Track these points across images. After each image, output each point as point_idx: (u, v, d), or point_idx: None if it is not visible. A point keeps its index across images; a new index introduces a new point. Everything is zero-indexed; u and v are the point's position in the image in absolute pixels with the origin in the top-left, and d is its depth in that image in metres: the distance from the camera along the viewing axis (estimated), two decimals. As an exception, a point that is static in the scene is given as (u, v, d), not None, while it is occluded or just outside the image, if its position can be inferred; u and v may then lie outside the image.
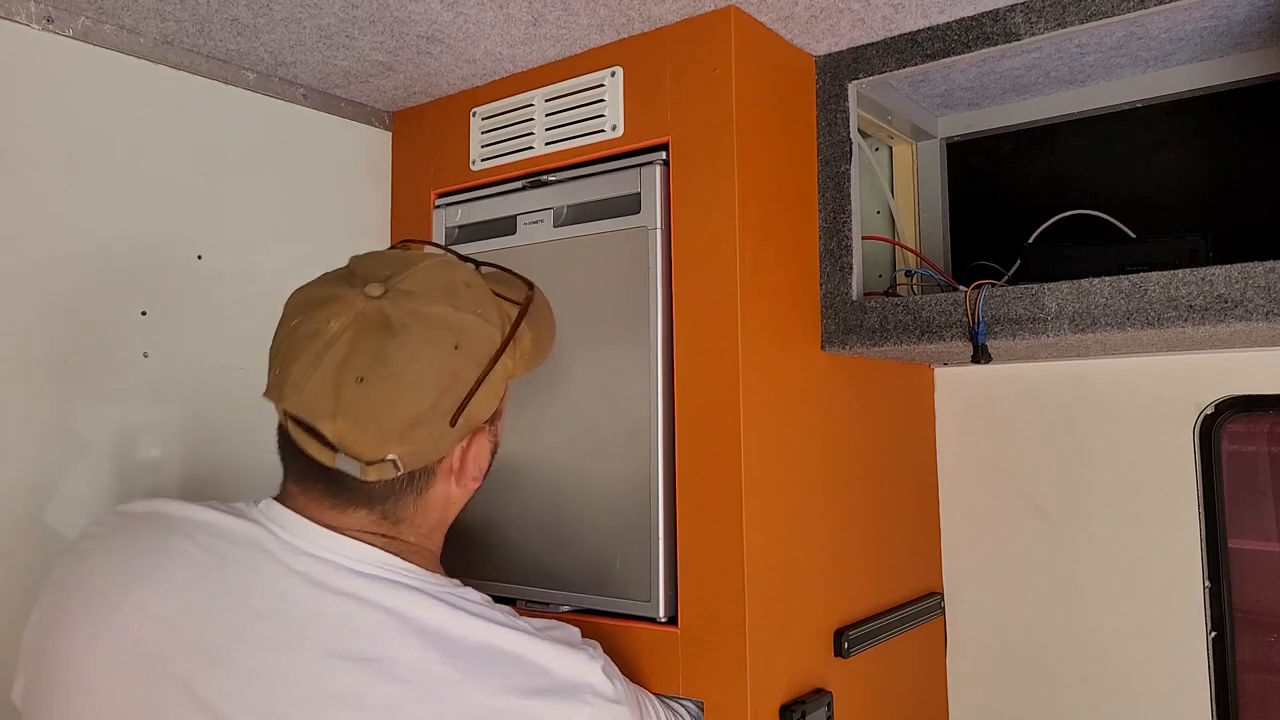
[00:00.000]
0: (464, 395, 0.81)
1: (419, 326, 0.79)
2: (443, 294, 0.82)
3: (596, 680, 0.84)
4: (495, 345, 0.84)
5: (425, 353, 0.79)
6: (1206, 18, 1.18)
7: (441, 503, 0.89)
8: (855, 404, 1.32)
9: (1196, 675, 1.32)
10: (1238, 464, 1.34)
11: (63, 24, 1.13)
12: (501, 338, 0.84)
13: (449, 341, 0.80)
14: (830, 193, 1.25)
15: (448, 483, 0.88)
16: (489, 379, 0.83)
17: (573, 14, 1.15)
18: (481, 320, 0.83)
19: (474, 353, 0.82)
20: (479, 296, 0.85)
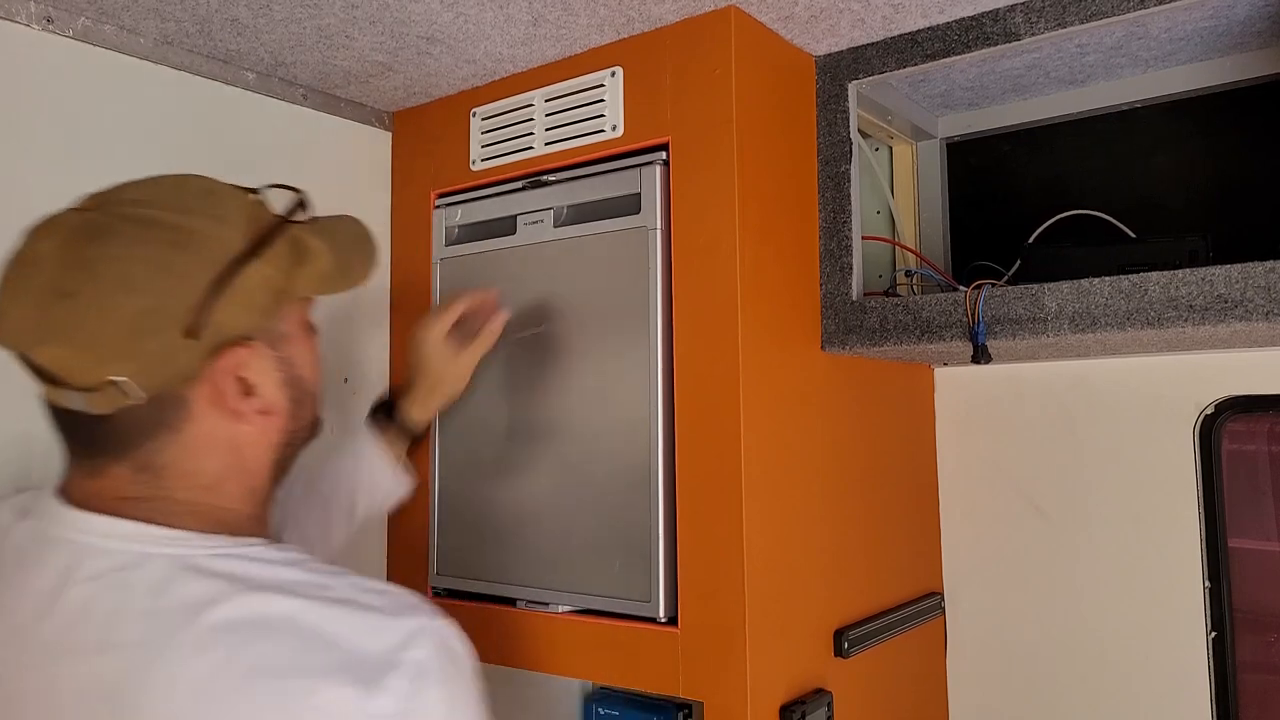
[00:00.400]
0: (197, 299, 0.70)
1: (129, 228, 0.71)
2: (167, 199, 0.74)
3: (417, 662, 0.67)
4: (234, 248, 0.73)
5: (135, 251, 0.70)
6: (1206, 18, 1.18)
7: (223, 444, 0.76)
8: (855, 404, 1.32)
9: (1196, 675, 1.32)
10: (1238, 464, 1.34)
11: (63, 24, 1.13)
12: (246, 242, 0.74)
13: (165, 239, 0.71)
14: (830, 193, 1.25)
15: (220, 416, 0.75)
16: (235, 285, 0.72)
17: (573, 14, 1.15)
18: (215, 221, 0.73)
19: (203, 253, 0.71)
20: (218, 201, 0.76)
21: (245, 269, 0.73)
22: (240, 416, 0.75)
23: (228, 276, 0.72)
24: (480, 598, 1.29)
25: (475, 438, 1.32)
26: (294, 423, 0.81)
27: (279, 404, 0.79)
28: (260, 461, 0.80)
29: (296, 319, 0.81)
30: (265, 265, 0.75)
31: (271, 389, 0.78)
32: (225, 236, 0.73)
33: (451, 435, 1.34)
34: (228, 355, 0.74)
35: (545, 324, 1.25)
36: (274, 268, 0.76)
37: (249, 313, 0.74)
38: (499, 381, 1.29)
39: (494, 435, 1.29)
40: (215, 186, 0.77)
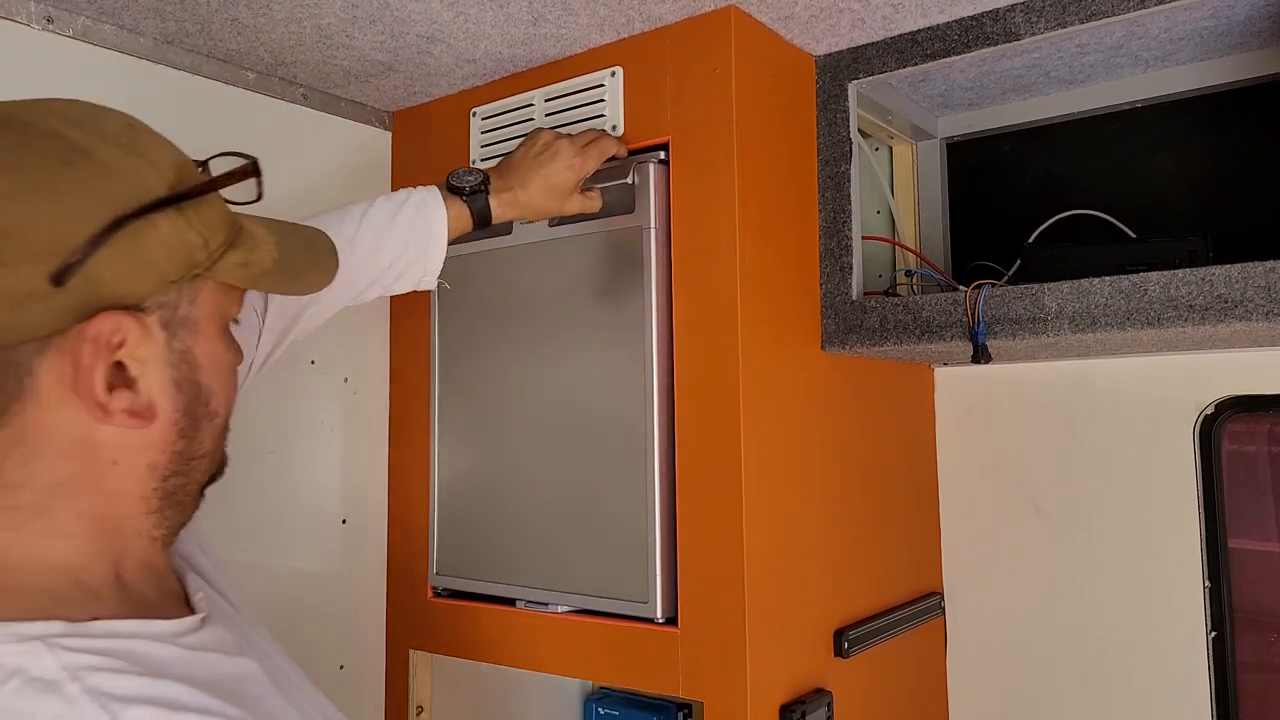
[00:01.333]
0: (80, 238, 0.52)
1: (10, 132, 0.55)
2: (81, 116, 0.58)
3: None
4: (149, 191, 0.56)
5: (7, 157, 0.53)
6: (1206, 18, 1.18)
7: (69, 446, 0.56)
8: (855, 404, 1.32)
9: (1196, 675, 1.32)
10: (1238, 464, 1.34)
11: (63, 24, 1.13)
12: (166, 188, 0.57)
13: (54, 153, 0.54)
14: (830, 193, 1.25)
15: (71, 404, 0.55)
16: (138, 236, 0.54)
17: (573, 14, 1.15)
18: (129, 153, 0.57)
19: (104, 185, 0.54)
20: (141, 137, 0.59)
21: (156, 218, 0.55)
22: (103, 412, 0.55)
23: (130, 220, 0.54)
24: (480, 598, 1.29)
25: (474, 438, 1.32)
26: (187, 444, 0.61)
27: (162, 409, 0.59)
28: (129, 487, 0.59)
29: (212, 310, 0.62)
30: (184, 223, 0.57)
31: (155, 386, 0.58)
32: (141, 173, 0.57)
33: (451, 436, 1.34)
34: (103, 320, 0.54)
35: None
36: (195, 232, 0.58)
37: (148, 274, 0.56)
38: (498, 382, 1.29)
39: (493, 435, 1.29)
40: (141, 125, 0.62)
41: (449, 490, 1.34)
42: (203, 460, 0.64)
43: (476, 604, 1.29)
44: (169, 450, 0.60)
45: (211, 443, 0.64)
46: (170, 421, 0.60)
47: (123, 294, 0.55)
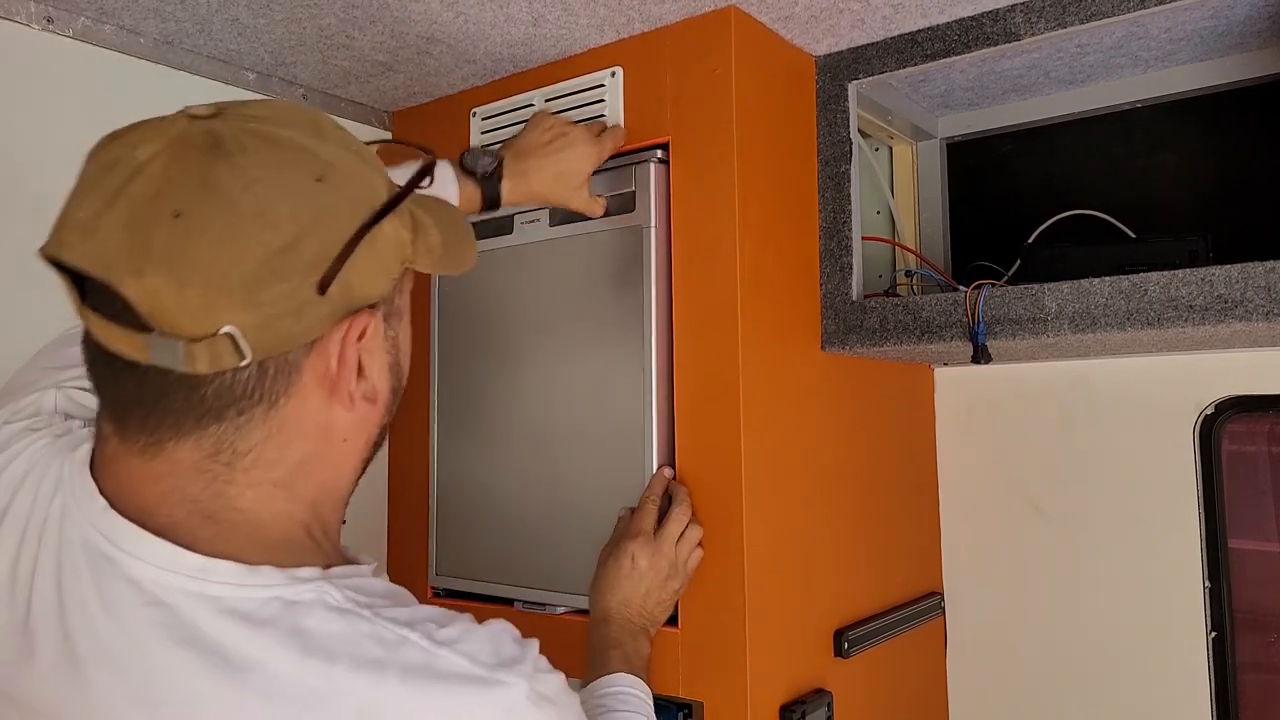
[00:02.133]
0: (337, 247, 0.57)
1: (264, 148, 0.57)
2: (302, 123, 0.60)
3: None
4: (379, 195, 0.61)
5: (275, 176, 0.56)
6: (1206, 18, 1.18)
7: (313, 430, 0.62)
8: (855, 404, 1.32)
9: (1196, 675, 1.32)
10: (1238, 464, 1.34)
11: (63, 24, 1.13)
12: (388, 191, 0.62)
13: (309, 169, 0.58)
14: (830, 193, 1.25)
15: (322, 395, 0.61)
16: (374, 240, 0.59)
17: (573, 14, 1.15)
18: (358, 159, 0.61)
19: (349, 193, 0.59)
20: (353, 141, 0.63)
21: (383, 223, 0.60)
22: (350, 400, 0.62)
23: (371, 226, 0.59)
24: (479, 598, 1.29)
25: (474, 438, 1.32)
26: (389, 416, 0.69)
27: (381, 391, 0.66)
28: (349, 459, 0.67)
29: (408, 298, 0.70)
30: (399, 223, 0.62)
31: (378, 372, 0.64)
32: (370, 179, 0.61)
33: (450, 436, 1.34)
34: (355, 322, 0.60)
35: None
36: (405, 229, 0.63)
37: (383, 275, 0.62)
38: (497, 382, 1.29)
39: (493, 435, 1.29)
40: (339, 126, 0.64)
41: (448, 490, 1.34)
42: (385, 432, 0.71)
43: (476, 604, 1.28)
44: (379, 425, 0.68)
45: (394, 413, 0.71)
46: (386, 401, 0.67)
47: (369, 295, 0.61)
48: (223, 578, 0.57)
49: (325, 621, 0.57)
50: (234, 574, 0.58)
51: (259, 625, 0.56)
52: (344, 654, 0.56)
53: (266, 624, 0.56)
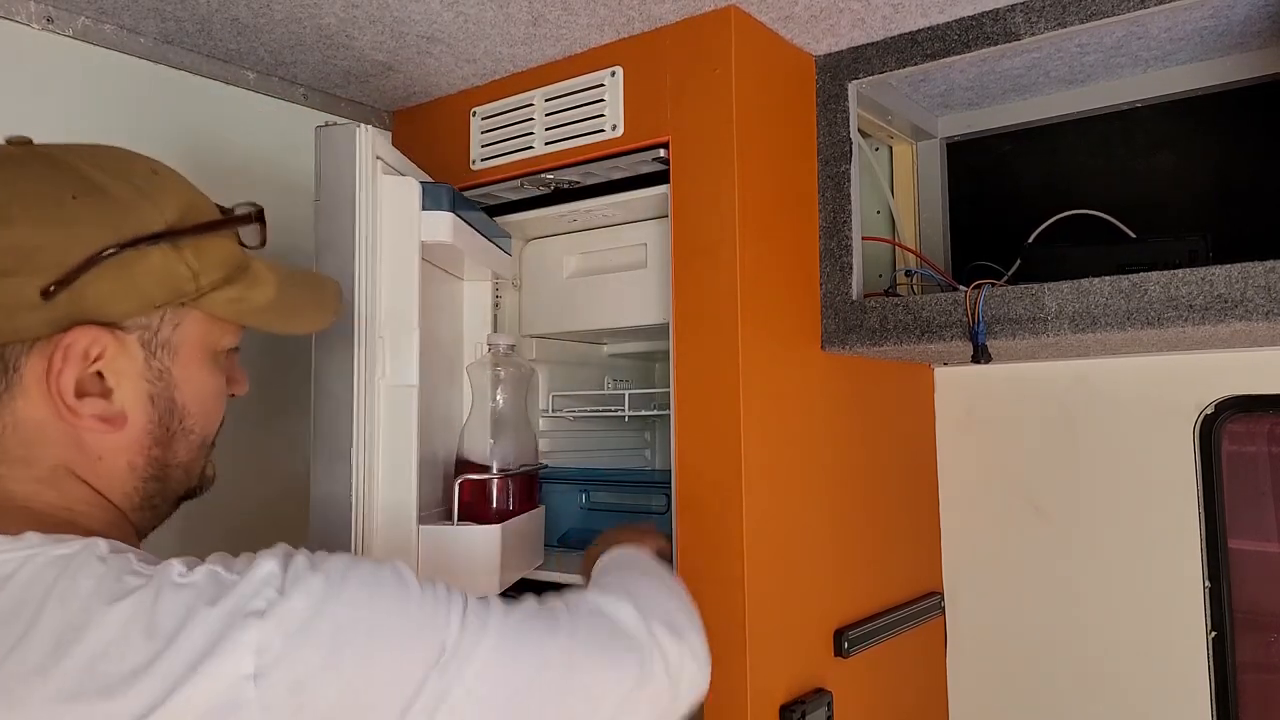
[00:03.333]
0: (73, 261, 0.60)
1: (35, 164, 0.63)
2: (103, 159, 0.66)
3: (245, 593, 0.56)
4: (148, 226, 0.63)
5: (28, 186, 0.62)
6: (1206, 18, 1.18)
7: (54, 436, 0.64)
8: (855, 404, 1.32)
9: (1196, 675, 1.32)
10: (1238, 464, 1.34)
11: (63, 24, 1.13)
12: (166, 226, 0.64)
13: (69, 184, 0.62)
14: (830, 193, 1.25)
15: (47, 400, 0.62)
16: (129, 263, 0.62)
17: (573, 14, 1.15)
18: (137, 193, 0.65)
19: (106, 215, 0.62)
20: (156, 180, 0.67)
21: (149, 250, 0.63)
22: (72, 414, 0.63)
23: (124, 249, 0.62)
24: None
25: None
26: (162, 451, 0.69)
27: (134, 418, 0.66)
28: (115, 482, 0.67)
29: (198, 336, 0.69)
30: (175, 256, 0.65)
31: (131, 399, 0.66)
32: (143, 210, 0.64)
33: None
34: (78, 333, 0.62)
35: None
36: (186, 265, 0.65)
37: (131, 297, 0.64)
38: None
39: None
40: (167, 172, 0.69)
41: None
42: (178, 470, 0.71)
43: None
44: (145, 454, 0.68)
45: (187, 455, 0.71)
46: (143, 429, 0.67)
47: (104, 311, 0.63)
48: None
49: (88, 564, 0.57)
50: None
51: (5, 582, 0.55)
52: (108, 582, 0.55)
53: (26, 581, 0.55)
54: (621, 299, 1.32)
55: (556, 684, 0.64)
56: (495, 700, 0.60)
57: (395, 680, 0.57)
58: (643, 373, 1.65)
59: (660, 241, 1.25)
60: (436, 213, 1.05)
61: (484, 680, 0.60)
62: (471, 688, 0.59)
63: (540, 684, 0.63)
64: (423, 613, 0.60)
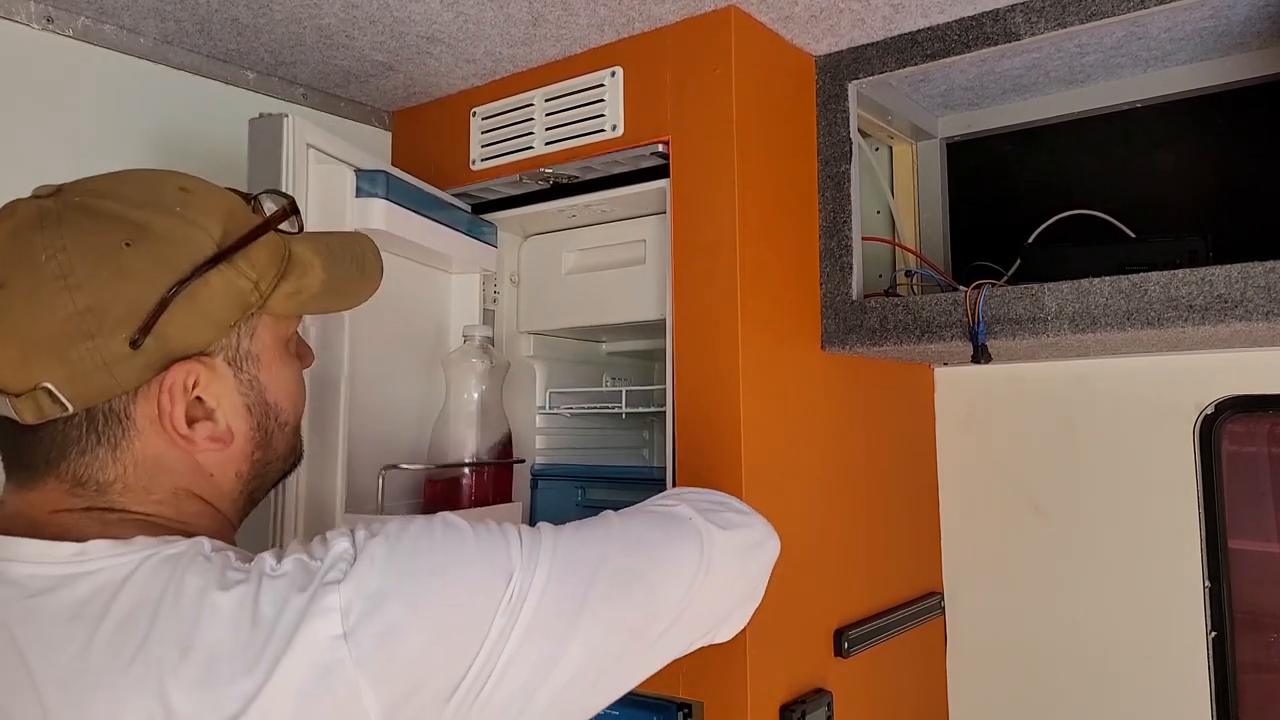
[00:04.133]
0: (149, 305, 0.63)
1: (80, 217, 0.64)
2: (133, 192, 0.66)
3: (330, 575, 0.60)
4: (201, 253, 0.65)
5: (80, 242, 0.62)
6: (1206, 18, 1.18)
7: (176, 465, 0.68)
8: (855, 404, 1.32)
9: (1196, 675, 1.32)
10: (1238, 464, 1.34)
11: (63, 24, 1.13)
12: (217, 247, 0.66)
13: (118, 233, 0.63)
14: (830, 193, 1.25)
15: (162, 436, 0.67)
16: (195, 295, 0.65)
17: (573, 14, 1.15)
18: (181, 221, 0.66)
19: (160, 254, 0.64)
20: (190, 200, 0.68)
21: (209, 275, 0.66)
22: (189, 443, 0.67)
23: (187, 282, 0.64)
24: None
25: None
26: (263, 453, 0.74)
27: (240, 431, 0.71)
28: (224, 492, 0.72)
29: (271, 337, 0.73)
30: (233, 273, 0.67)
31: (231, 414, 0.70)
32: (192, 238, 0.66)
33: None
34: (175, 372, 0.66)
35: None
36: (245, 278, 0.68)
37: (208, 325, 0.67)
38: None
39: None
40: (193, 185, 0.70)
41: None
42: (277, 463, 0.77)
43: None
44: (249, 460, 0.73)
45: (284, 447, 0.77)
46: (247, 438, 0.72)
47: (189, 345, 0.66)
48: (98, 553, 0.61)
49: (195, 562, 0.61)
50: (108, 549, 0.61)
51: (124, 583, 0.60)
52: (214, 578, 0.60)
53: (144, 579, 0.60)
54: (619, 295, 1.31)
55: (618, 576, 0.69)
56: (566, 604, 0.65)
57: (471, 612, 0.61)
58: (642, 370, 1.65)
59: (659, 237, 1.25)
60: (370, 199, 1.05)
61: (550, 589, 0.65)
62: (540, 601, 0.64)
63: (603, 578, 0.68)
64: (480, 549, 0.65)
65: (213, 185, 0.72)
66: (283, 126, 0.99)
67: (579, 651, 0.65)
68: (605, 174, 1.24)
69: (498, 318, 1.41)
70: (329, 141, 1.06)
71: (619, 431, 1.59)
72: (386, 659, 0.58)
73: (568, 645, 0.65)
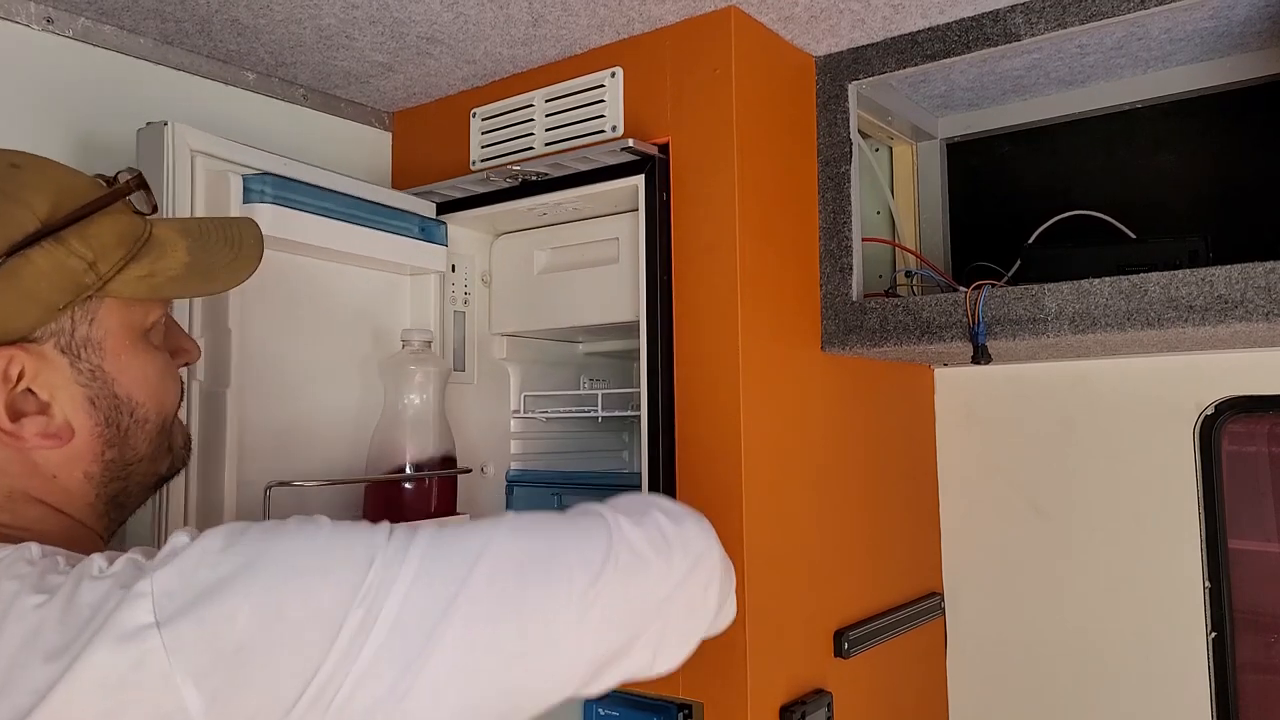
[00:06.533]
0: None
1: None
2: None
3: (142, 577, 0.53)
4: (22, 229, 0.60)
5: None
6: (1206, 18, 1.18)
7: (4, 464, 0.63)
8: (855, 404, 1.32)
9: (1196, 676, 1.32)
10: (1238, 464, 1.34)
11: (63, 24, 1.13)
12: (41, 224, 0.61)
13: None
14: (830, 193, 1.25)
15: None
16: (15, 272, 0.59)
17: (573, 14, 1.15)
18: (3, 197, 0.61)
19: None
20: (17, 175, 0.63)
21: (30, 253, 0.60)
22: (15, 439, 0.61)
23: (4, 260, 0.59)
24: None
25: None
26: (118, 452, 0.67)
27: (83, 427, 0.64)
28: (73, 495, 0.65)
29: (118, 323, 0.66)
30: (63, 252, 0.61)
31: (70, 408, 0.63)
32: (10, 214, 0.60)
33: None
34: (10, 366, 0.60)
35: None
36: (77, 257, 0.62)
37: (31, 307, 0.60)
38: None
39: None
40: (25, 161, 0.65)
41: None
42: (140, 464, 0.68)
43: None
44: (99, 461, 0.66)
45: (147, 445, 0.69)
46: (93, 435, 0.65)
47: (9, 329, 0.60)
48: None
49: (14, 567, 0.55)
50: None
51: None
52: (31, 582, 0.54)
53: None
54: (593, 295, 1.27)
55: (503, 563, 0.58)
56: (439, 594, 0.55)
57: (318, 602, 0.53)
58: (621, 371, 1.60)
59: (632, 236, 1.21)
60: (258, 205, 1.04)
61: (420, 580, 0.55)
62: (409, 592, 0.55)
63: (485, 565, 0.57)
64: (335, 537, 0.57)
65: (54, 163, 0.66)
66: (164, 134, 0.98)
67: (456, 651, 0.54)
68: (574, 170, 1.19)
69: (469, 319, 1.36)
70: (218, 145, 1.04)
71: (597, 435, 1.55)
72: (210, 652, 0.51)
73: (441, 642, 0.54)
